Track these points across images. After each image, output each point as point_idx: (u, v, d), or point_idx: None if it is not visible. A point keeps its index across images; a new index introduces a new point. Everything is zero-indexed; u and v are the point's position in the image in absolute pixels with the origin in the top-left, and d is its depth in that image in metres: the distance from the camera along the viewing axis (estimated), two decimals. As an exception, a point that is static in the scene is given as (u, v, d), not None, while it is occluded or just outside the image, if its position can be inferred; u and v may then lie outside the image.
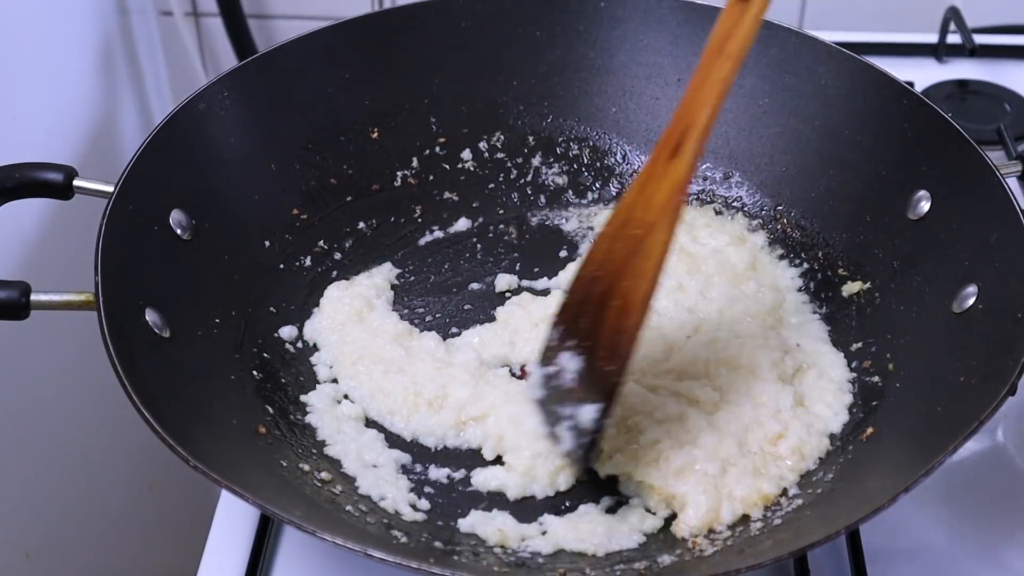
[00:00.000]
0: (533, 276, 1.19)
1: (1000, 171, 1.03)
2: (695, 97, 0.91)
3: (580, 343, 0.96)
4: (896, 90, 1.13)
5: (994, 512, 1.05)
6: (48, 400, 1.45)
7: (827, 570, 0.98)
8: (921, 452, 0.87)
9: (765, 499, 0.95)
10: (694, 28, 1.23)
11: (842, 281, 1.13)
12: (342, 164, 1.21)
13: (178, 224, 1.06)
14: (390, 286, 1.17)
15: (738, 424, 1.00)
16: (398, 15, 1.25)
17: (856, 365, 1.06)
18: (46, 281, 0.98)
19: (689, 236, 1.19)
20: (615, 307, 0.93)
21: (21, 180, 1.03)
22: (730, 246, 1.17)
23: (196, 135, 1.11)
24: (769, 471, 0.97)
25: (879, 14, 1.76)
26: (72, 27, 1.56)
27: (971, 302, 0.98)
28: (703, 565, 0.90)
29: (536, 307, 1.12)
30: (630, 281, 0.93)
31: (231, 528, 1.02)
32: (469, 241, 1.23)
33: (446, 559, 0.90)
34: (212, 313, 1.05)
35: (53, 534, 1.47)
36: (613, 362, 0.94)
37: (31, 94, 1.43)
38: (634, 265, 0.93)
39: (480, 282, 1.18)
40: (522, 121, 1.27)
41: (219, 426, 0.97)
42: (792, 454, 0.98)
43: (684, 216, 1.09)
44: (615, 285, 0.94)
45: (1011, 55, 1.58)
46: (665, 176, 0.92)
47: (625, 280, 0.93)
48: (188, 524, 1.33)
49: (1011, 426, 1.11)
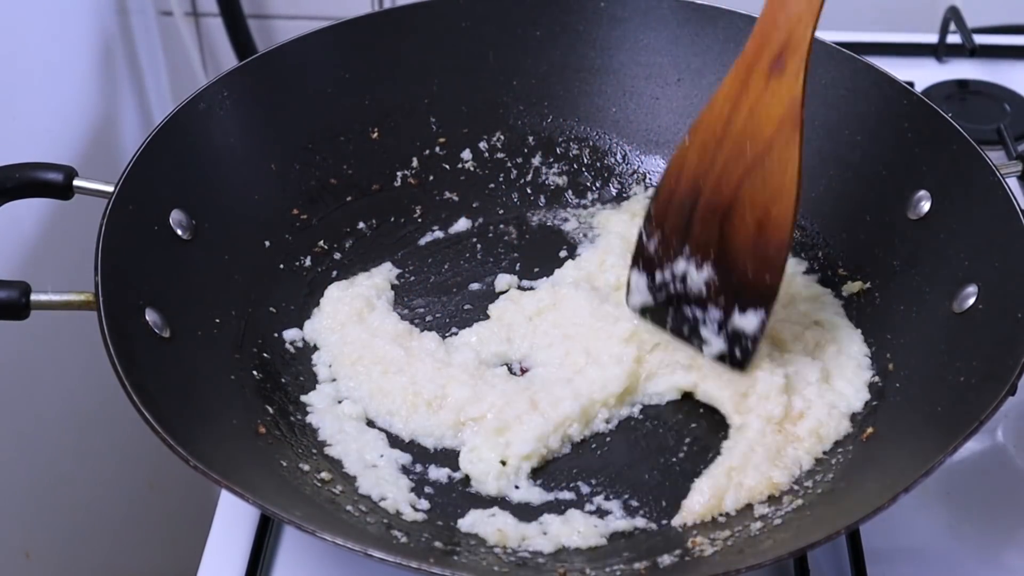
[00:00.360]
0: (533, 276, 1.19)
1: (1000, 171, 1.03)
2: (785, 10, 0.92)
3: (700, 252, 0.99)
4: (896, 90, 1.13)
5: (994, 512, 1.05)
6: (48, 400, 1.45)
7: (827, 570, 0.98)
8: (921, 452, 0.87)
9: (773, 488, 0.96)
10: (694, 28, 1.23)
11: (842, 281, 1.13)
12: (342, 164, 1.21)
13: (178, 224, 1.06)
14: (390, 286, 1.17)
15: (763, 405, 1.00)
16: (398, 15, 1.25)
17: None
18: (46, 281, 0.98)
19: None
20: (750, 222, 0.95)
21: (21, 180, 1.03)
22: None
23: (196, 135, 1.11)
24: (785, 456, 0.97)
25: (879, 14, 1.76)
26: (72, 27, 1.56)
27: (971, 302, 0.99)
28: (703, 565, 0.90)
29: (527, 301, 1.12)
30: (764, 196, 0.94)
31: (231, 528, 1.02)
32: (469, 241, 1.22)
33: (446, 559, 0.90)
34: (212, 313, 1.05)
35: (53, 534, 1.47)
36: (766, 272, 0.96)
37: (31, 94, 1.43)
38: (762, 180, 0.94)
39: (480, 282, 1.18)
40: (522, 121, 1.27)
41: (219, 426, 0.97)
42: (810, 435, 0.99)
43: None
44: (738, 200, 0.96)
45: (1011, 55, 1.58)
46: (773, 91, 0.93)
47: (756, 195, 0.95)
48: (188, 524, 1.33)
49: (1011, 426, 1.11)
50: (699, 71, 1.24)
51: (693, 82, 1.24)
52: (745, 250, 0.97)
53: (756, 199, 0.95)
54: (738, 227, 0.97)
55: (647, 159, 1.26)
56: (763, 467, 0.96)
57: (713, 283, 0.99)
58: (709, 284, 1.00)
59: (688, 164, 0.99)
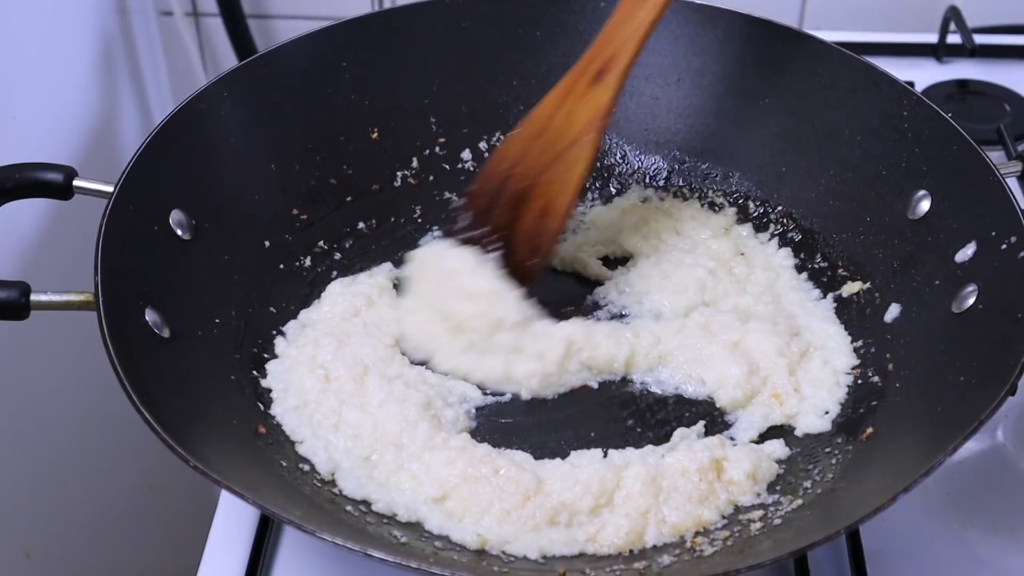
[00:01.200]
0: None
1: (1000, 171, 1.03)
2: (620, 31, 1.04)
3: (494, 234, 1.07)
4: (896, 90, 1.13)
5: (994, 512, 1.05)
6: (48, 400, 1.45)
7: (827, 570, 0.98)
8: (921, 452, 0.87)
9: (699, 525, 0.93)
10: (694, 28, 1.23)
11: (842, 281, 1.13)
12: (342, 164, 1.21)
13: (178, 224, 1.06)
14: (392, 285, 1.17)
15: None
16: (398, 15, 1.25)
17: (856, 364, 1.07)
18: (46, 281, 0.98)
19: (673, 231, 1.20)
20: (536, 208, 1.05)
21: (21, 180, 1.03)
22: (714, 238, 1.19)
23: (196, 135, 1.11)
24: (717, 498, 0.95)
25: (879, 14, 1.76)
26: (72, 27, 1.56)
27: (971, 302, 0.99)
28: (702, 565, 0.90)
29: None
30: (553, 187, 1.04)
31: (231, 528, 1.02)
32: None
33: (446, 559, 0.90)
34: (212, 313, 1.05)
35: (53, 534, 1.47)
36: (533, 257, 1.06)
37: (31, 94, 1.43)
38: (557, 173, 1.04)
39: (480, 282, 1.18)
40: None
41: (219, 426, 0.96)
42: (746, 479, 0.96)
43: (671, 210, 1.21)
44: (535, 187, 1.05)
45: (1011, 55, 1.58)
46: (589, 97, 1.04)
47: (548, 186, 1.04)
48: (188, 524, 1.33)
49: (1011, 426, 1.11)
50: (699, 71, 1.24)
51: (693, 82, 1.24)
52: (526, 233, 1.07)
53: (547, 189, 1.05)
54: (527, 212, 1.06)
55: (647, 159, 1.26)
56: (688, 507, 0.94)
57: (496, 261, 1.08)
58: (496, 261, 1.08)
59: (509, 151, 1.09)
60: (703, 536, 0.93)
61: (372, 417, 1.00)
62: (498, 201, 1.07)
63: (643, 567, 0.90)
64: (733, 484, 0.96)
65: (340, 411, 1.00)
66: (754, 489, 0.96)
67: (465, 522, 0.93)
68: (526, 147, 1.06)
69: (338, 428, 1.00)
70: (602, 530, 0.92)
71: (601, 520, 0.92)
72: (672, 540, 0.92)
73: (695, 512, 0.93)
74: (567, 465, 0.97)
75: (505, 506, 0.93)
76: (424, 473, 0.96)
